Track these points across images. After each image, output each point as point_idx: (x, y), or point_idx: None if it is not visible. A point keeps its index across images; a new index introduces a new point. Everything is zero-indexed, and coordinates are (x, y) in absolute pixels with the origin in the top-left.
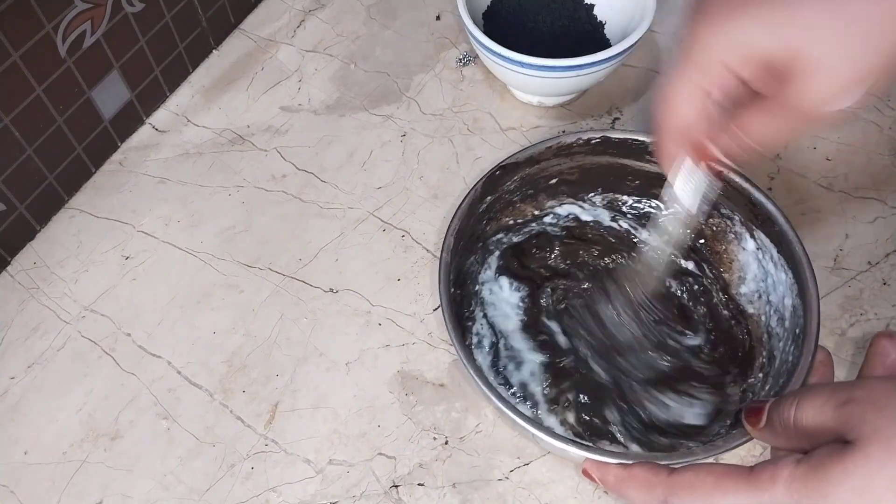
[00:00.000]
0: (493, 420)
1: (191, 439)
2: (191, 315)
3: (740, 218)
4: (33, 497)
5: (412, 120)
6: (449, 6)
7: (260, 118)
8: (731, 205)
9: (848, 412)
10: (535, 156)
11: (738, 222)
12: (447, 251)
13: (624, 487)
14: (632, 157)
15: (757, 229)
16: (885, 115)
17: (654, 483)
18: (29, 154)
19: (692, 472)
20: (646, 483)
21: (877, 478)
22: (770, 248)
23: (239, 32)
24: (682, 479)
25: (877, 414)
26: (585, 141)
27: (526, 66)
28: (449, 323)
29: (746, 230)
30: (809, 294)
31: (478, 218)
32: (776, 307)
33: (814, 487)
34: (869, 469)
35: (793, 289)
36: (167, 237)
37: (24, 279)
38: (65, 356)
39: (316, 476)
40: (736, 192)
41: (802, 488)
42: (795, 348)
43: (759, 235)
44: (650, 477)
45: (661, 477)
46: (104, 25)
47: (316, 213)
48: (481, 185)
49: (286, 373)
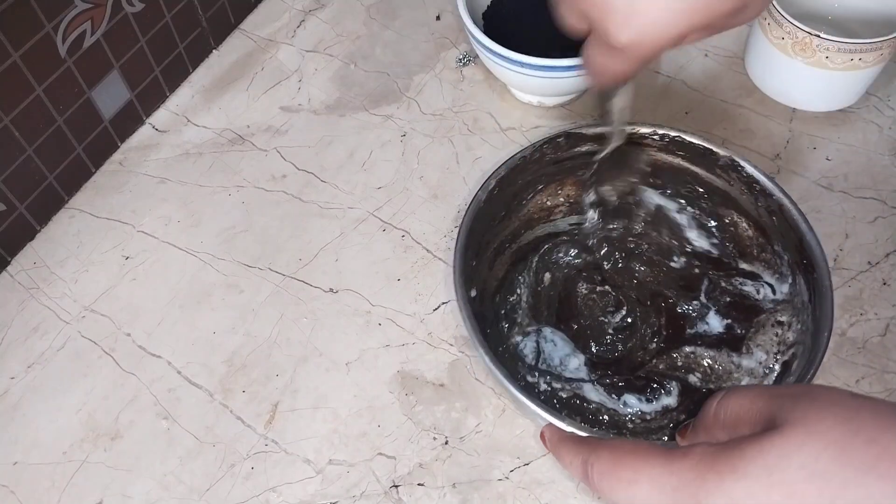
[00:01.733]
0: (493, 420)
1: (191, 439)
2: (191, 315)
3: (788, 259)
4: (33, 497)
5: (412, 120)
6: (449, 6)
7: (260, 118)
8: (784, 243)
9: (780, 402)
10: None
11: (786, 263)
12: (478, 200)
13: (559, 448)
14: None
15: (799, 274)
16: (885, 115)
17: (582, 444)
18: (29, 154)
19: (617, 440)
20: (575, 444)
21: (792, 457)
22: (804, 293)
23: (239, 32)
24: (604, 443)
25: (808, 404)
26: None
27: (526, 66)
28: (458, 275)
29: (790, 273)
30: (819, 350)
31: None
32: None
33: (724, 461)
34: (785, 449)
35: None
36: (167, 237)
37: (24, 279)
38: (65, 356)
39: (316, 476)
40: (790, 229)
41: (711, 461)
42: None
43: (799, 280)
44: (580, 439)
45: (589, 440)
46: (104, 25)
47: (316, 213)
48: (541, 144)
49: (286, 373)
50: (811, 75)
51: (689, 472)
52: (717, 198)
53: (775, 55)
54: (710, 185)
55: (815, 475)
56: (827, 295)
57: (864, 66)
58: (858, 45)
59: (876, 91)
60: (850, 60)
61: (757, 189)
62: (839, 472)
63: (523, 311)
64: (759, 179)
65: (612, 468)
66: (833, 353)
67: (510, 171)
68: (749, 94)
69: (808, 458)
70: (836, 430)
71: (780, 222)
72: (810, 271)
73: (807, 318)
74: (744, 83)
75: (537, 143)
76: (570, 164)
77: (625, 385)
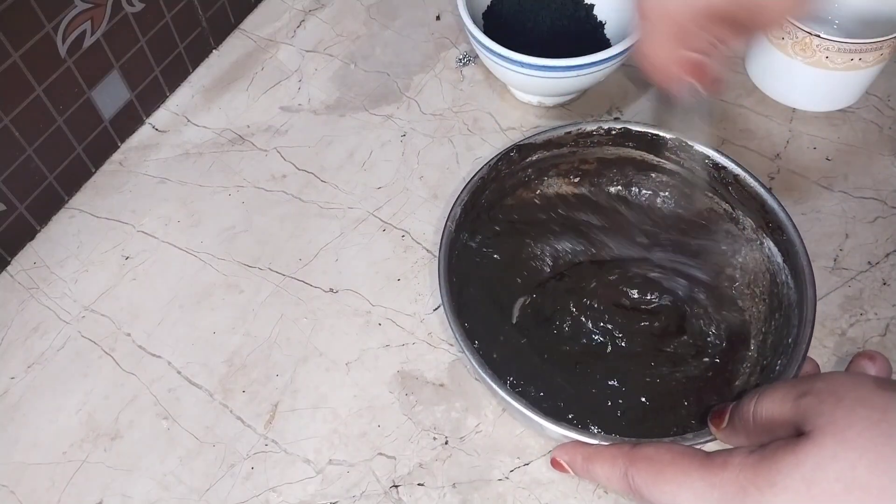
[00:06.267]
0: (493, 420)
1: (191, 439)
2: (191, 315)
3: (752, 224)
4: (33, 497)
5: (412, 120)
6: (449, 6)
7: (260, 118)
8: (744, 209)
9: (806, 403)
10: (554, 140)
11: (750, 228)
12: (453, 221)
13: (591, 465)
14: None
15: (767, 237)
16: (885, 115)
17: (617, 455)
18: (29, 154)
19: (653, 447)
20: (609, 457)
21: (828, 468)
22: (776, 255)
23: (239, 32)
24: (642, 451)
25: (834, 406)
26: (606, 130)
27: (526, 66)
28: (445, 295)
29: (757, 237)
30: (807, 305)
31: (488, 193)
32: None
33: (763, 475)
34: (820, 459)
35: (792, 299)
36: (167, 237)
37: (24, 279)
38: (65, 356)
39: (316, 476)
40: (749, 197)
41: (751, 475)
42: (785, 357)
43: (767, 243)
44: (614, 451)
45: (624, 450)
46: (104, 25)
47: (316, 213)
48: (495, 161)
49: (286, 373)
50: (811, 75)
51: (731, 486)
52: (672, 180)
53: (775, 55)
54: (662, 168)
55: (852, 486)
56: (801, 253)
57: (864, 66)
58: (858, 45)
59: (876, 91)
60: (850, 60)
61: (709, 164)
62: (876, 482)
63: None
64: (709, 154)
65: (655, 481)
66: (833, 353)
67: (472, 195)
68: (749, 93)
69: (844, 469)
70: (866, 435)
71: (738, 191)
72: (778, 233)
73: (785, 277)
74: (744, 83)
75: (492, 161)
76: (522, 176)
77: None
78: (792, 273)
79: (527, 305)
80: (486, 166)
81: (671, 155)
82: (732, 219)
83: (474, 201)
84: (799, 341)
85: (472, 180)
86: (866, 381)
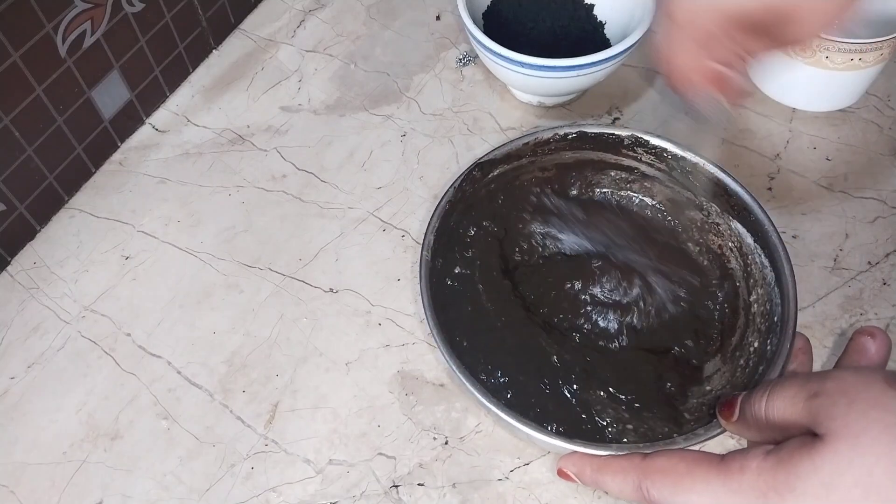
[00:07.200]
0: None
1: (191, 439)
2: (191, 315)
3: (717, 209)
4: (33, 497)
5: (412, 120)
6: (449, 6)
7: (260, 118)
8: (707, 196)
9: (818, 405)
10: (513, 152)
11: (715, 213)
12: (427, 249)
13: (601, 477)
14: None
15: (733, 219)
16: (885, 115)
17: (629, 468)
18: (29, 154)
19: (665, 457)
20: (621, 469)
21: (845, 474)
22: (746, 236)
23: (239, 32)
24: (655, 463)
25: (847, 408)
26: (562, 136)
27: (526, 66)
28: (431, 321)
29: (723, 221)
30: (786, 282)
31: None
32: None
33: (782, 480)
34: (837, 465)
35: (770, 277)
36: (167, 237)
37: (24, 279)
38: (65, 356)
39: (316, 476)
40: (711, 182)
41: (771, 480)
42: (774, 337)
43: (735, 226)
44: (624, 463)
45: (636, 462)
46: (104, 25)
47: (316, 213)
48: (459, 182)
49: (286, 373)
50: (811, 75)
51: (752, 491)
52: (632, 176)
53: (775, 55)
54: (621, 165)
55: (870, 491)
56: (770, 231)
57: (864, 66)
58: (858, 45)
59: (876, 91)
60: (850, 60)
61: (668, 156)
62: (893, 487)
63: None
64: (666, 147)
65: (673, 492)
66: (833, 353)
67: (442, 220)
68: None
69: (862, 475)
70: (882, 439)
71: (698, 178)
72: (745, 215)
73: (758, 257)
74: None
75: (455, 183)
76: (485, 192)
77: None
78: (765, 252)
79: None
80: (451, 189)
81: (628, 152)
82: (696, 206)
83: (444, 226)
84: (786, 318)
85: (439, 205)
86: (877, 380)
